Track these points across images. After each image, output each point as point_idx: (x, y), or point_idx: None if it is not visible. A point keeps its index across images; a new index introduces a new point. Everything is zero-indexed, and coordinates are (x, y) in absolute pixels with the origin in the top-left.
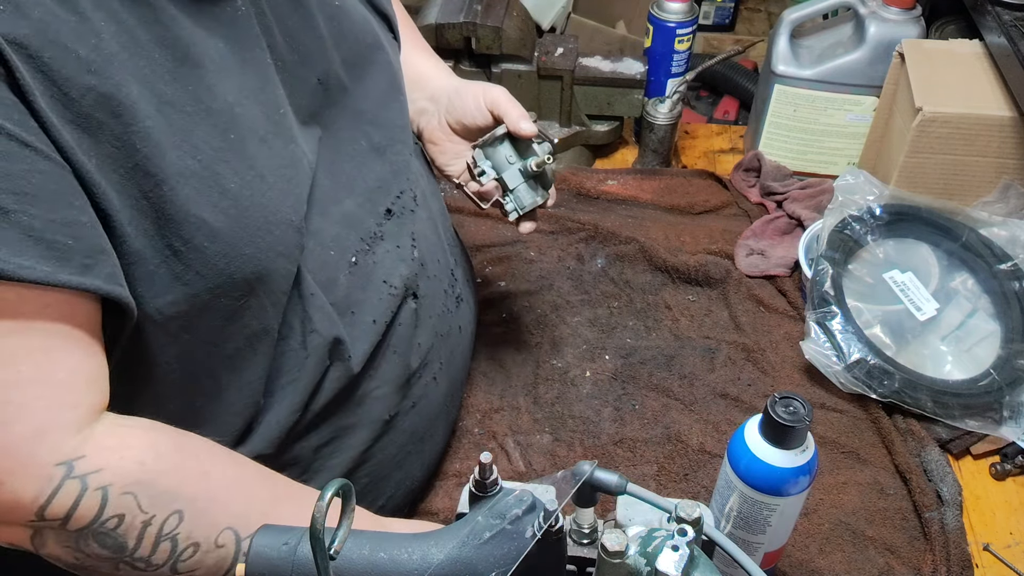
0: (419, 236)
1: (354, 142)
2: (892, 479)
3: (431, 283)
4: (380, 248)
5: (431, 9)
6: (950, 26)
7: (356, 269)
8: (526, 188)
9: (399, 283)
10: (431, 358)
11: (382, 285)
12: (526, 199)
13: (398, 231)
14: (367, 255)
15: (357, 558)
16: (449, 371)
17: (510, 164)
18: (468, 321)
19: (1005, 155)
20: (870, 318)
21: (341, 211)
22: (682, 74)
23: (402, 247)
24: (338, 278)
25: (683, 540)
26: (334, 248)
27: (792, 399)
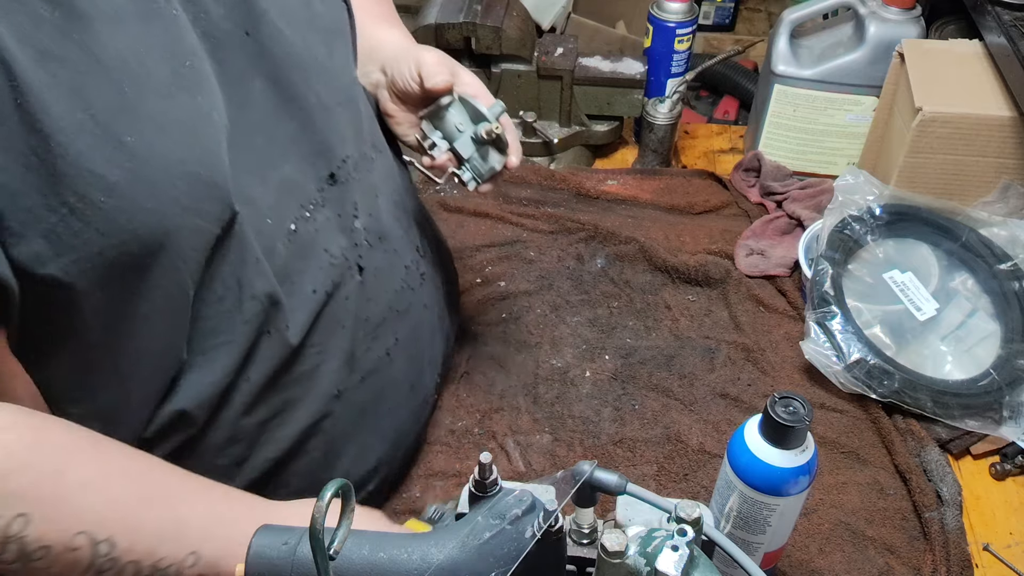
0: (365, 206)
1: (295, 101)
2: (892, 479)
3: (386, 256)
4: (321, 215)
5: (431, 9)
6: (950, 26)
7: (295, 237)
8: (482, 155)
9: (338, 253)
10: (382, 333)
11: (322, 254)
12: (483, 167)
13: (341, 198)
14: (307, 222)
15: (357, 558)
16: (409, 348)
17: (461, 132)
18: (436, 300)
19: (1005, 155)
20: (870, 318)
21: (279, 176)
22: (682, 74)
23: (343, 216)
24: (275, 246)
25: (683, 540)
26: (271, 215)
27: (792, 399)
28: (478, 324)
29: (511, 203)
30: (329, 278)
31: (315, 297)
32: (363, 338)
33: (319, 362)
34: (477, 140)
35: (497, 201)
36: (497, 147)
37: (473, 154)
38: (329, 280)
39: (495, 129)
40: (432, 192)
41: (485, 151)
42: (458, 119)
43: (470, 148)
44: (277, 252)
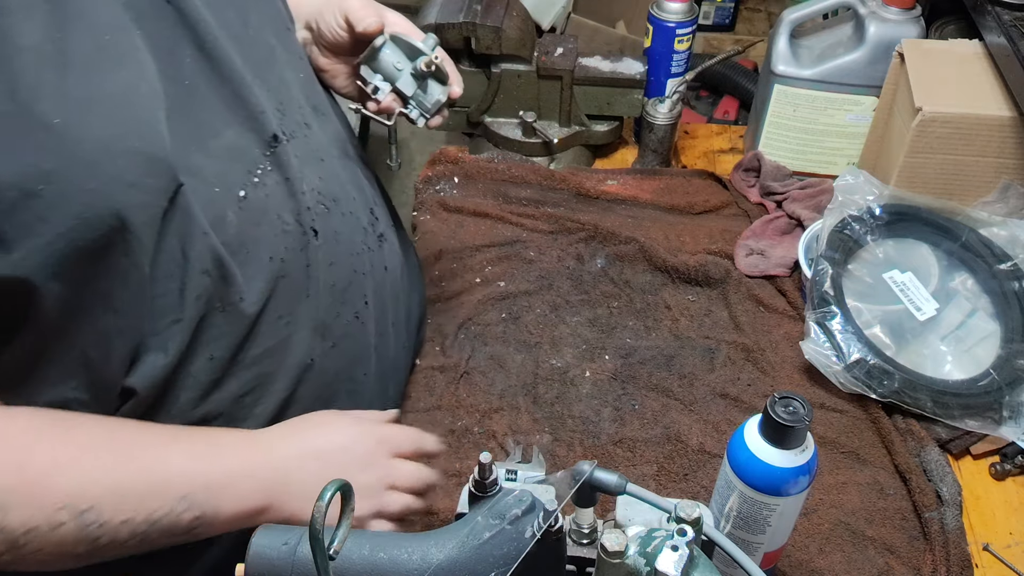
0: (311, 168)
1: (223, 66)
2: (892, 479)
3: (343, 220)
4: (270, 180)
5: (431, 9)
6: (950, 26)
7: (246, 204)
8: (424, 90)
9: (291, 219)
10: (349, 297)
11: (275, 220)
12: (428, 100)
13: (286, 162)
14: (256, 188)
15: (357, 558)
16: (376, 310)
17: (399, 71)
18: (397, 262)
19: (1005, 155)
20: (870, 318)
21: (222, 144)
22: (682, 74)
23: (292, 180)
24: (226, 215)
25: (683, 540)
26: (219, 184)
27: (792, 399)
28: (478, 324)
29: (511, 203)
30: (284, 244)
31: (272, 265)
32: (332, 304)
33: (289, 332)
34: (417, 75)
35: (497, 201)
36: (438, 79)
37: (416, 90)
38: (284, 246)
39: (434, 59)
40: (431, 192)
41: (426, 86)
42: (395, 59)
43: (412, 85)
44: (228, 221)
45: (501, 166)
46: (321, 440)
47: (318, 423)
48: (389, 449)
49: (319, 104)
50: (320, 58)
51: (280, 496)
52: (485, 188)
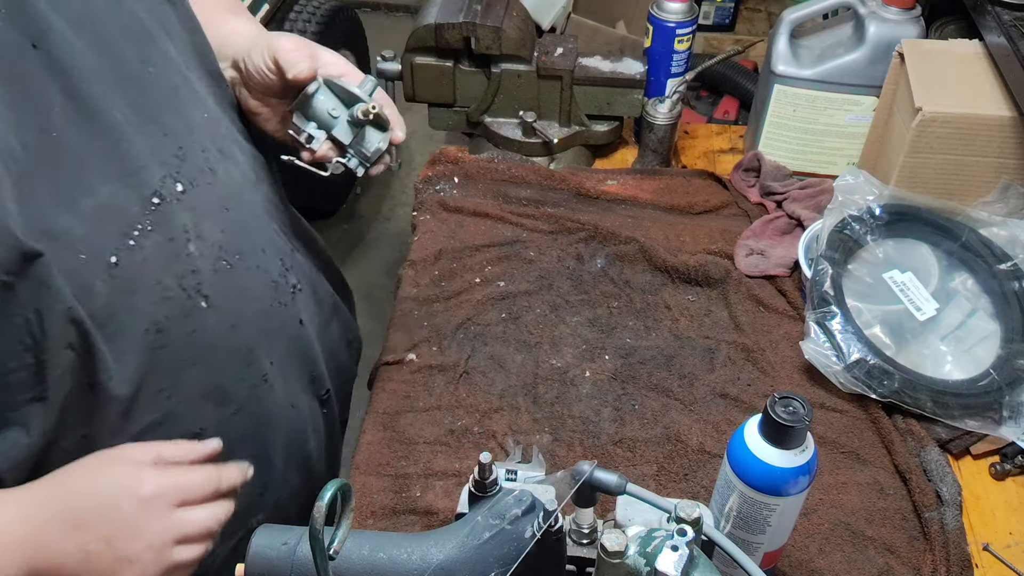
0: (212, 222)
1: (99, 117)
2: (892, 479)
3: (249, 276)
4: (149, 241)
5: (431, 9)
6: (950, 26)
7: (118, 271)
8: (363, 137)
9: (174, 283)
10: (255, 358)
11: (154, 287)
12: (368, 148)
13: (171, 220)
14: (132, 251)
15: (356, 558)
16: (287, 369)
17: (335, 118)
18: (313, 312)
19: (1005, 155)
20: (870, 318)
21: (94, 202)
22: (682, 74)
23: (176, 240)
24: (93, 284)
25: (683, 540)
26: (86, 250)
27: (792, 399)
28: (478, 324)
29: (511, 203)
30: (163, 313)
31: (148, 337)
32: (233, 368)
33: (172, 405)
34: (354, 123)
35: (497, 201)
36: (378, 125)
37: (354, 138)
38: (164, 315)
39: (371, 108)
40: (431, 192)
41: (365, 132)
42: (330, 104)
43: (349, 133)
44: (96, 291)
45: (501, 166)
46: (79, 504)
47: (81, 480)
48: (169, 501)
49: (225, 147)
50: (249, 100)
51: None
52: (485, 188)
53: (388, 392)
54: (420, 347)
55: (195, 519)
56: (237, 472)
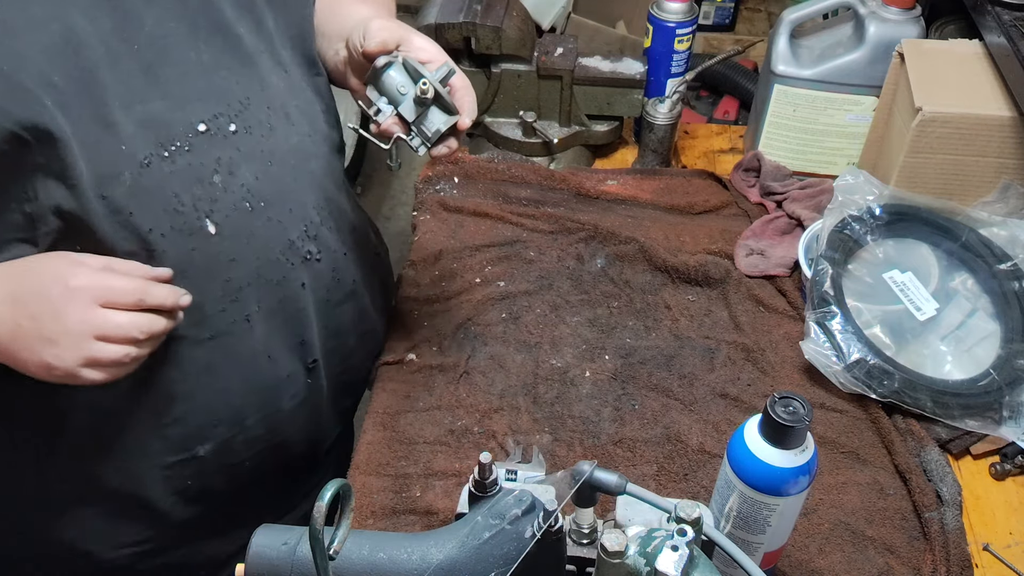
0: (251, 166)
1: (181, 49)
2: (892, 479)
3: (266, 225)
4: (181, 160)
5: (431, 9)
6: (950, 26)
7: (145, 171)
8: (428, 116)
9: (188, 201)
10: (244, 297)
11: (171, 198)
12: (430, 128)
13: (207, 150)
14: (163, 161)
15: (357, 558)
16: (272, 320)
17: (403, 95)
18: (325, 286)
19: (1005, 155)
20: (870, 318)
21: (146, 111)
22: (682, 74)
23: (205, 166)
24: (122, 173)
25: (683, 540)
26: (127, 143)
27: (792, 399)
28: (478, 324)
29: (511, 203)
30: (170, 223)
31: (151, 237)
32: (218, 297)
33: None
34: (419, 101)
35: (497, 201)
36: (443, 107)
37: (418, 117)
38: (170, 225)
39: (425, 87)
40: (431, 192)
41: (429, 113)
42: (400, 81)
43: (414, 111)
44: (121, 179)
45: (501, 166)
46: (19, 283)
47: (31, 263)
48: (93, 296)
49: (294, 114)
50: (351, 78)
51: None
52: (485, 188)
53: (388, 392)
54: (420, 347)
55: (115, 320)
56: (168, 292)
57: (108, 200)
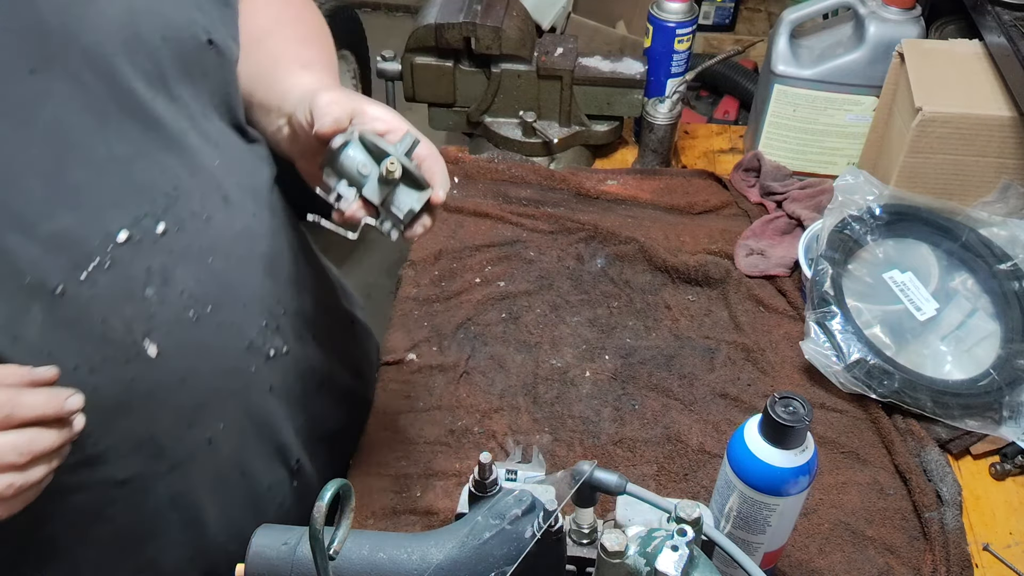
0: (189, 268)
1: (97, 143)
2: (892, 479)
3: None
4: (104, 278)
5: (431, 9)
6: (950, 26)
7: (61, 301)
8: (397, 196)
9: (119, 325)
10: (202, 418)
11: (98, 325)
12: (401, 209)
13: (132, 261)
14: (80, 285)
15: (357, 558)
16: (240, 435)
17: (364, 176)
18: (289, 380)
19: (1005, 155)
20: (870, 318)
21: (52, 229)
22: (682, 74)
23: (133, 279)
24: (30, 308)
25: (683, 540)
26: (32, 271)
27: (792, 399)
28: (478, 324)
29: (511, 203)
30: (102, 354)
31: (77, 375)
32: (170, 425)
33: (97, 451)
34: (384, 181)
35: (497, 201)
36: (412, 183)
37: (387, 198)
38: (102, 356)
39: (392, 166)
40: None
41: (400, 192)
42: (360, 160)
43: (379, 192)
44: (31, 317)
45: (501, 166)
46: None
47: None
48: None
49: (234, 195)
50: (299, 160)
51: None
52: (485, 188)
53: (388, 392)
54: (420, 347)
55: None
56: (46, 399)
57: (21, 342)
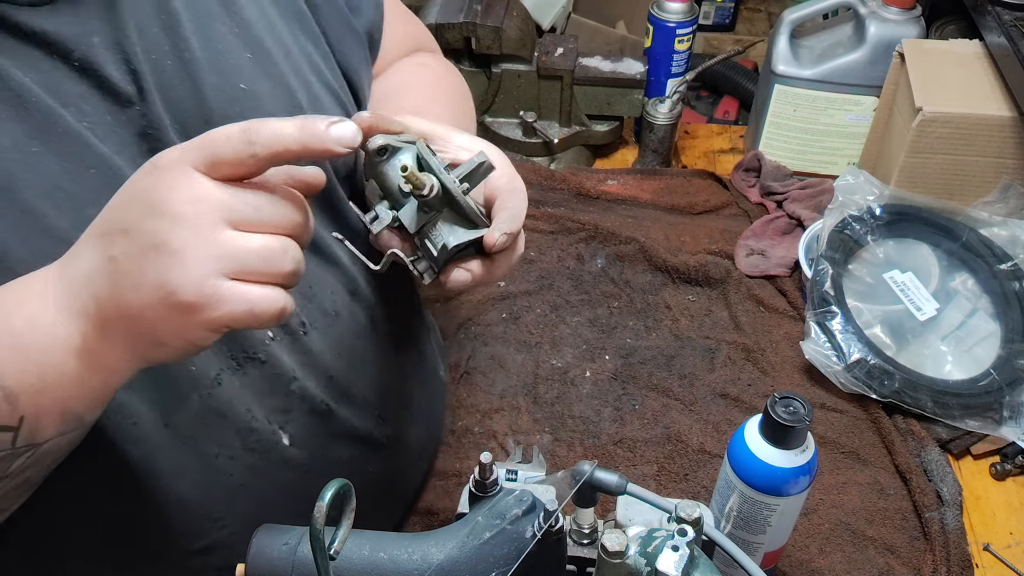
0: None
1: None
2: (892, 479)
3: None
4: (255, 371)
5: (431, 9)
6: (950, 26)
7: (217, 390)
8: (438, 227)
9: (262, 415)
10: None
11: (243, 414)
12: (435, 244)
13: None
14: (235, 375)
15: (357, 558)
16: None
17: (406, 197)
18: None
19: (1005, 155)
20: (870, 318)
21: None
22: (682, 74)
23: (281, 375)
24: (189, 396)
25: (683, 540)
26: (199, 362)
27: (792, 399)
28: (478, 324)
29: None
30: (243, 442)
31: (218, 462)
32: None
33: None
34: (424, 205)
35: None
36: (462, 215)
37: (425, 227)
38: (242, 444)
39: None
40: None
41: (444, 224)
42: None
43: (415, 219)
44: (188, 404)
45: None
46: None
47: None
48: (223, 216)
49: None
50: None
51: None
52: None
53: None
54: None
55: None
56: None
57: (171, 428)
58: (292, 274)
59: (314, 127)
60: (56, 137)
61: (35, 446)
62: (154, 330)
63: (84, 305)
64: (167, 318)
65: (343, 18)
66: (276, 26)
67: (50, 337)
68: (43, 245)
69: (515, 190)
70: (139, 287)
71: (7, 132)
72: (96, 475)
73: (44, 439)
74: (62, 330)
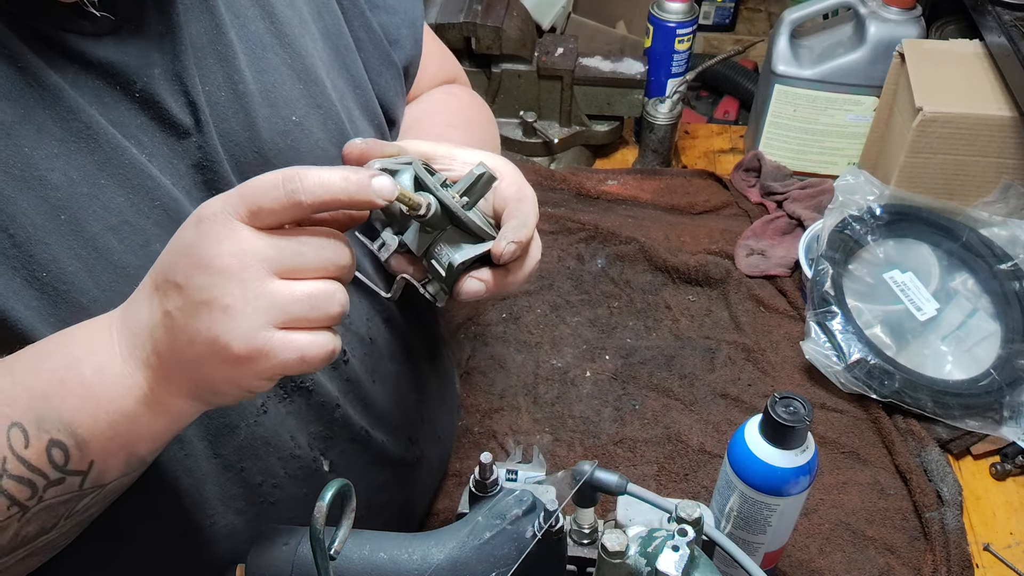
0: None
1: None
2: (892, 479)
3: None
4: (300, 399)
5: (431, 9)
6: (950, 26)
7: (263, 418)
8: (441, 246)
9: (305, 442)
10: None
11: (287, 441)
12: (441, 263)
13: (322, 383)
14: (281, 404)
15: (357, 558)
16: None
17: (407, 218)
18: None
19: (1005, 155)
20: (870, 318)
21: None
22: (682, 74)
23: (326, 403)
24: (237, 426)
25: (683, 540)
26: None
27: (792, 399)
28: (478, 324)
29: None
30: (286, 469)
31: (262, 490)
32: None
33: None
34: (426, 225)
35: None
36: (466, 231)
37: (431, 248)
38: (285, 471)
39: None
40: None
41: (448, 242)
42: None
43: (419, 240)
44: (236, 435)
45: None
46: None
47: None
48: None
49: (394, 315)
50: None
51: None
52: None
53: None
54: None
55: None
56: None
57: (219, 459)
58: (339, 316)
59: (359, 179)
60: (123, 169)
61: (101, 487)
62: (211, 381)
63: (147, 356)
64: (222, 370)
65: (383, 51)
66: (325, 57)
67: (119, 387)
68: (112, 282)
69: (523, 199)
70: (194, 342)
71: (77, 165)
72: (144, 505)
73: (110, 480)
74: (129, 380)
